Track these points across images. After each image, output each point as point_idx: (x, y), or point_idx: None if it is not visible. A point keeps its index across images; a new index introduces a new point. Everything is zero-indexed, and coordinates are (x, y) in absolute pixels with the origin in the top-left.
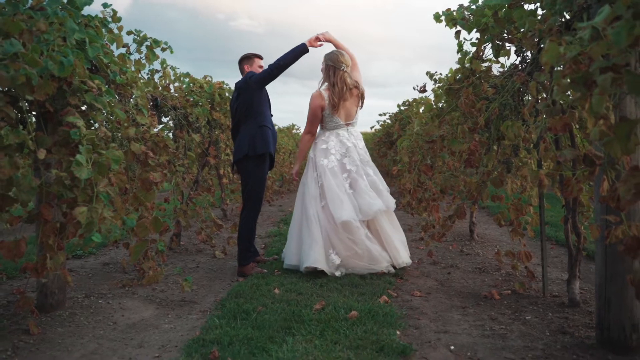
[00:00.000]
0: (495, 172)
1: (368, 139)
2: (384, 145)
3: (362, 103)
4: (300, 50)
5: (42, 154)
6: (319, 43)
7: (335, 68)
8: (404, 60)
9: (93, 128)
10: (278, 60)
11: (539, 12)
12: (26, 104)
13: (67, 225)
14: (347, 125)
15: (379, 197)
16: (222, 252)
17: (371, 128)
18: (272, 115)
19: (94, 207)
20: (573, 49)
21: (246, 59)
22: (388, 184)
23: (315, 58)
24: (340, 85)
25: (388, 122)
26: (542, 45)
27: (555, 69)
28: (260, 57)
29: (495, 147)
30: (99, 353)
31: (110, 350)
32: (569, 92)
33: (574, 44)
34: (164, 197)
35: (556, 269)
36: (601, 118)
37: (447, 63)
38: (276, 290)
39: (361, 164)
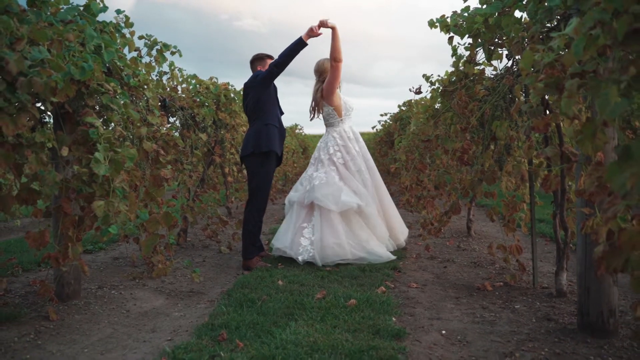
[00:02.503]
0: (490, 170)
1: (370, 138)
2: (385, 144)
3: (326, 103)
4: (296, 45)
5: (65, 152)
6: (318, 32)
7: (316, 80)
8: (407, 60)
9: (105, 128)
10: (277, 58)
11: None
12: (49, 105)
13: (85, 218)
14: (326, 126)
15: (307, 192)
16: (227, 247)
17: (372, 128)
18: (282, 114)
19: (110, 202)
20: (547, 56)
21: (258, 60)
22: (388, 183)
23: (319, 57)
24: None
25: (389, 122)
26: None
27: (529, 73)
28: (272, 58)
29: (492, 147)
30: (115, 337)
31: (125, 334)
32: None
33: (549, 52)
34: (171, 195)
35: (549, 263)
36: (574, 118)
37: (450, 63)
38: (280, 282)
39: (313, 161)
